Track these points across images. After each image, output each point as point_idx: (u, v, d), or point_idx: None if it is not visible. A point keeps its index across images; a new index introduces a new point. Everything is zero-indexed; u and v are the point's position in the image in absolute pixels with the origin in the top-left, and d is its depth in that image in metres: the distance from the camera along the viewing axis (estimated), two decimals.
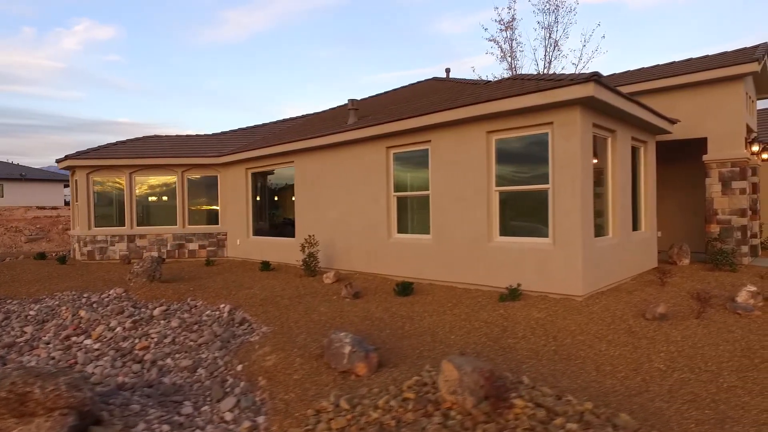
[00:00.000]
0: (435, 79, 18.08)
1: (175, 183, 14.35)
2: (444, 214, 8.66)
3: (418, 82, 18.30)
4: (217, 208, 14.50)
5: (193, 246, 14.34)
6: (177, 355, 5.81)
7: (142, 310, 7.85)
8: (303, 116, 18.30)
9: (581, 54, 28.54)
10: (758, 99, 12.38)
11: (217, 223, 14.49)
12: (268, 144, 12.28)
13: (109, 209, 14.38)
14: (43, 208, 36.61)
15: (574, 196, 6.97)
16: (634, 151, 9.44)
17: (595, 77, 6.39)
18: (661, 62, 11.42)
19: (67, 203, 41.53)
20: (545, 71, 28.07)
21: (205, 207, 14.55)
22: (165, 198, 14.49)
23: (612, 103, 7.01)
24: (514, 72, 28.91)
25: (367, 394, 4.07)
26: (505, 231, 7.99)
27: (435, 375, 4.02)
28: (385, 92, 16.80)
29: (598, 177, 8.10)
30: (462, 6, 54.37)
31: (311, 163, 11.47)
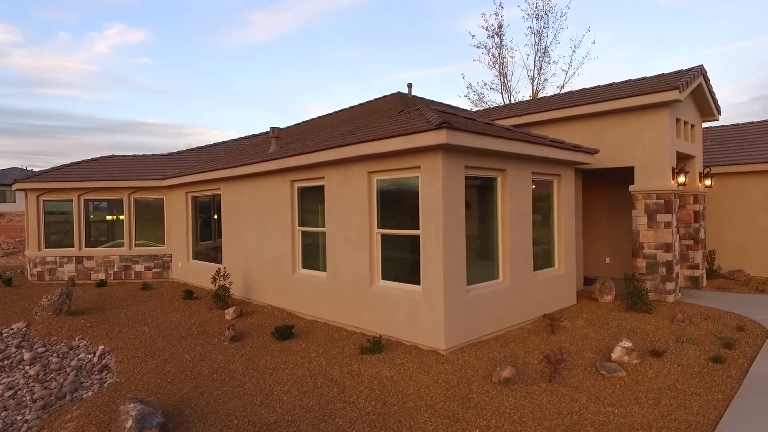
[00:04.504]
0: (398, 94, 17.79)
1: (123, 205, 14.46)
2: (336, 253, 8.42)
3: (383, 97, 18.01)
4: (164, 230, 14.55)
5: (139, 268, 14.42)
6: (3, 414, 5.74)
7: (22, 351, 7.85)
8: (261, 134, 18.29)
9: (571, 60, 27.84)
10: (705, 122, 11.68)
11: (163, 246, 14.54)
12: (198, 170, 12.24)
13: (59, 231, 14.58)
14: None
15: (437, 243, 6.64)
16: (547, 185, 9.02)
17: (446, 124, 6.06)
18: (654, 73, 10.79)
19: None
20: (536, 76, 27.49)
21: (151, 229, 14.61)
22: (113, 220, 14.61)
23: (478, 146, 6.65)
24: (504, 79, 28.38)
25: None
26: (386, 275, 7.71)
27: None
28: (330, 113, 16.61)
29: (487, 218, 7.74)
30: (484, 4, 53.78)
31: (234, 192, 11.36)
